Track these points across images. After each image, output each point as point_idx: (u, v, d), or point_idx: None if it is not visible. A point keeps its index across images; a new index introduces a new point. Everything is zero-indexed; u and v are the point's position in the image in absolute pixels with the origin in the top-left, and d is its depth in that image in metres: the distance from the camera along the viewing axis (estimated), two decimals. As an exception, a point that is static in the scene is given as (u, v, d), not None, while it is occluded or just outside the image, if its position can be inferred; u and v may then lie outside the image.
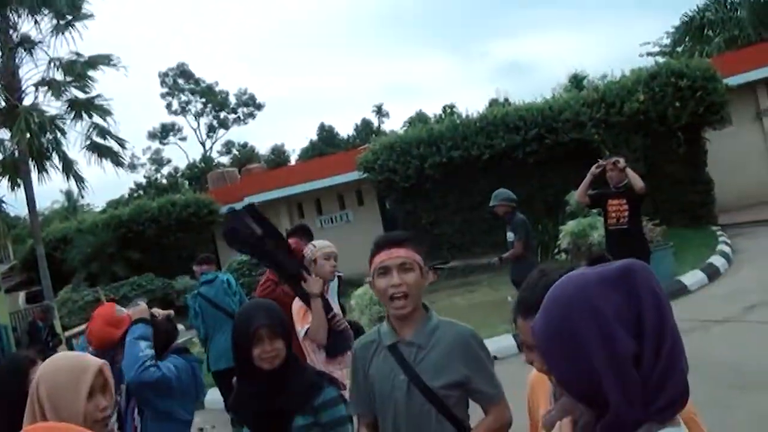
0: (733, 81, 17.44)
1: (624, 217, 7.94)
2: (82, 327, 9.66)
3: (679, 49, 28.05)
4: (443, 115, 46.37)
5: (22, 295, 21.47)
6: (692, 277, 11.00)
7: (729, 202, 18.76)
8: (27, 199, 20.00)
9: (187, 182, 51.81)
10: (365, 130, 56.18)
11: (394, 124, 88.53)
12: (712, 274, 11.35)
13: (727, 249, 13.17)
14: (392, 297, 2.57)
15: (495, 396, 2.67)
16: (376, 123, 60.13)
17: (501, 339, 9.45)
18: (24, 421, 2.22)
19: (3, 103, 20.15)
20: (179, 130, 59.86)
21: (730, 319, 8.54)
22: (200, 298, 7.74)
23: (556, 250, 14.45)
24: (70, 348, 9.24)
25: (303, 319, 4.48)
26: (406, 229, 18.85)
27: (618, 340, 1.30)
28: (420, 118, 46.97)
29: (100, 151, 21.54)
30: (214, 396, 8.27)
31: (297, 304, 4.72)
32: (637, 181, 7.75)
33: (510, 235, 8.54)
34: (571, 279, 1.40)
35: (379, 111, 62.74)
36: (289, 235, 7.29)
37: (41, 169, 20.86)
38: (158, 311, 3.78)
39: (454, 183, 18.04)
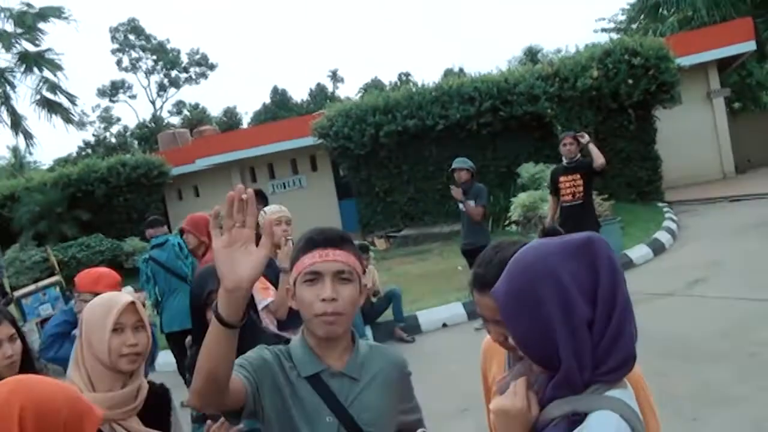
0: (685, 61, 17.80)
1: (579, 192, 8.02)
2: (32, 287, 9.53)
3: (634, 26, 28.42)
4: (399, 84, 46.40)
5: (-35, 253, 20.96)
6: (638, 252, 11.30)
7: (676, 179, 19.28)
8: (-27, 154, 19.48)
9: (136, 142, 50.92)
10: (320, 95, 55.80)
11: (349, 91, 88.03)
12: (658, 249, 11.67)
13: (672, 225, 13.54)
14: (322, 314, 1.91)
15: (419, 421, 2.22)
16: (330, 88, 59.77)
17: (451, 307, 9.63)
18: (72, 353, 2.38)
19: (-50, 54, 19.57)
20: (129, 87, 58.68)
21: (674, 293, 8.83)
22: (152, 263, 7.68)
23: (506, 222, 14.68)
24: (20, 309, 9.08)
25: (264, 291, 4.46)
26: (360, 196, 18.99)
27: (576, 306, 1.41)
28: (375, 85, 46.93)
29: (50, 106, 21.07)
30: (165, 358, 8.27)
31: None
32: (598, 158, 7.82)
33: (462, 205, 8.56)
34: (534, 247, 1.51)
35: (334, 76, 62.43)
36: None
37: (-12, 124, 20.35)
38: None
39: (408, 152, 18.11)
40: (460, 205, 8.67)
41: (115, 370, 2.29)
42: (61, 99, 21.40)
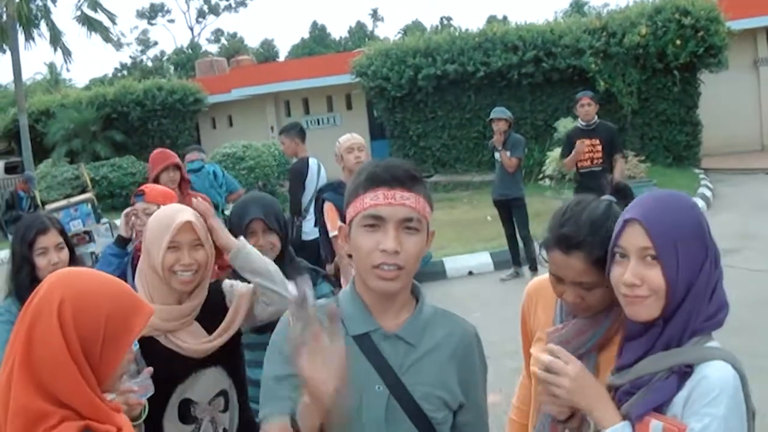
0: (735, 25, 17.26)
1: (598, 158, 7.61)
2: (63, 202, 9.64)
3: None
4: (440, 27, 45.69)
5: (0, 164, 21.26)
6: (671, 216, 11.16)
7: (714, 147, 18.89)
8: (13, 66, 19.58)
9: (172, 67, 50.86)
10: (359, 33, 55.16)
11: (389, 31, 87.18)
12: (691, 215, 11.51)
13: (708, 193, 13.35)
14: (381, 265, 1.63)
15: (484, 427, 1.89)
16: (370, 27, 59.06)
17: (478, 255, 9.64)
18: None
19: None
20: (168, 11, 58.69)
21: (704, 261, 8.73)
22: (186, 188, 7.73)
23: (540, 176, 14.56)
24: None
25: (334, 222, 4.52)
26: (393, 138, 18.90)
27: (712, 249, 1.55)
28: (416, 27, 46.23)
29: (89, 23, 21.09)
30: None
31: (328, 204, 4.77)
32: (620, 174, 7.43)
33: (498, 155, 8.46)
34: (673, 194, 1.63)
35: (375, 15, 61.60)
36: (281, 133, 7.31)
37: (29, 37, 20.39)
38: None
39: (445, 97, 17.94)
40: (496, 155, 8.59)
41: (169, 286, 2.33)
42: (101, 17, 21.44)
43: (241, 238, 2.54)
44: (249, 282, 2.49)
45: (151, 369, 2.11)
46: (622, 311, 1.72)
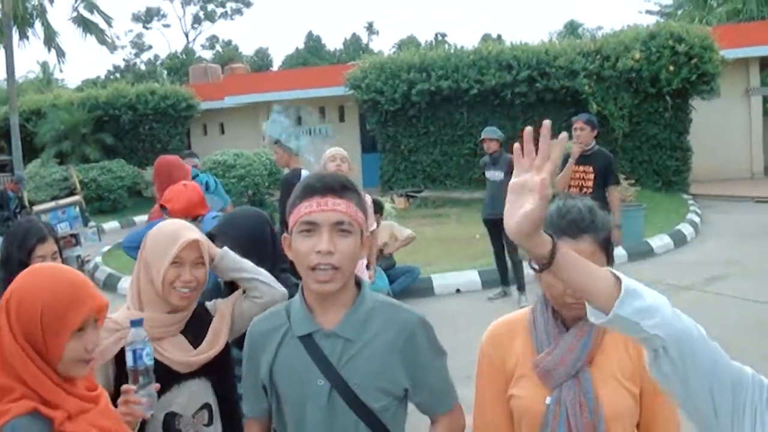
0: (728, 54, 17.41)
1: (588, 187, 7.04)
2: (52, 204, 9.56)
3: (680, 12, 27.88)
4: (434, 43, 45.88)
5: (-11, 162, 21.16)
6: (659, 241, 11.21)
7: (704, 173, 19.01)
8: (6, 65, 19.50)
9: (166, 72, 50.77)
10: (354, 45, 55.32)
11: (384, 45, 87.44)
12: (679, 240, 11.58)
13: (696, 219, 13.41)
14: (316, 267, 1.79)
15: (446, 402, 2.01)
16: (365, 40, 59.21)
17: (467, 273, 9.60)
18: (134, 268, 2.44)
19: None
20: (164, 16, 58.49)
21: (693, 287, 8.76)
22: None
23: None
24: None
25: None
26: (385, 152, 18.89)
27: None
28: (411, 42, 46.42)
29: (85, 25, 21.09)
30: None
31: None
32: (614, 207, 7.09)
33: (493, 174, 8.45)
34: None
35: (370, 28, 61.80)
36: (275, 143, 7.30)
37: (23, 36, 20.33)
38: None
39: (438, 113, 17.96)
40: (487, 173, 8.59)
41: (166, 301, 2.34)
42: (97, 19, 21.38)
43: (225, 248, 2.57)
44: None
45: (158, 385, 2.08)
46: None
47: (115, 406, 1.96)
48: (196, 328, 2.42)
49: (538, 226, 1.35)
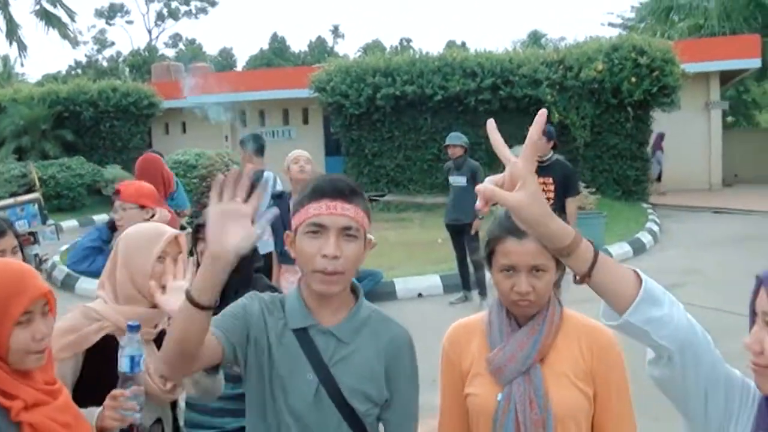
0: (689, 68, 17.74)
1: (550, 198, 6.67)
2: (10, 201, 9.34)
3: (641, 26, 28.31)
4: (399, 48, 46.00)
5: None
6: (619, 248, 11.35)
7: (663, 183, 19.34)
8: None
9: (128, 69, 50.14)
10: (319, 48, 55.24)
11: (349, 48, 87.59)
12: (638, 249, 11.75)
13: (655, 228, 13.63)
14: (321, 270, 1.80)
15: (407, 428, 2.01)
16: (330, 43, 59.17)
17: (429, 278, 9.63)
18: (105, 266, 2.47)
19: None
20: (127, 12, 57.74)
21: (649, 294, 8.86)
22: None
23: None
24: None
25: None
26: (348, 156, 18.85)
27: None
28: (376, 46, 46.50)
29: (48, 18, 20.70)
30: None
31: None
32: (572, 218, 6.60)
33: (457, 179, 8.47)
34: None
35: (336, 31, 61.74)
36: (241, 143, 7.26)
37: (-17, 28, 19.91)
38: None
39: (403, 118, 18.00)
40: (450, 178, 8.62)
41: (148, 296, 2.34)
42: (60, 13, 21.02)
43: None
44: None
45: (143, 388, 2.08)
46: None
47: (77, 402, 1.91)
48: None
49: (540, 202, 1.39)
